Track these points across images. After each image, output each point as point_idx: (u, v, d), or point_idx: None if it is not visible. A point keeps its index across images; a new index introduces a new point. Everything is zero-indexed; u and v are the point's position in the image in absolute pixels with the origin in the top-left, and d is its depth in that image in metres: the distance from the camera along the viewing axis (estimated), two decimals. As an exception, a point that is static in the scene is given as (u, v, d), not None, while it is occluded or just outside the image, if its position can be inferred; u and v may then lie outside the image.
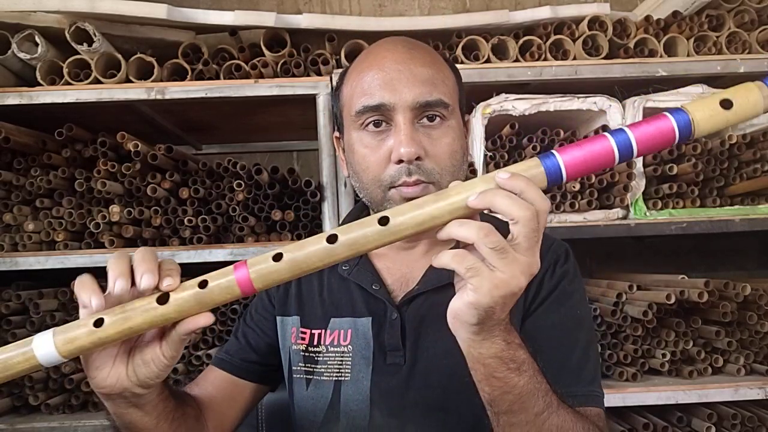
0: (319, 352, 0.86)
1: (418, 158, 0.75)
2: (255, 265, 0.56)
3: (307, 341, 0.87)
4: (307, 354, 0.87)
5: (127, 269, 0.59)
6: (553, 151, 0.58)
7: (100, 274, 0.62)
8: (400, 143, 0.75)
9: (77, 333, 0.56)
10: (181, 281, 0.59)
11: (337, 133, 0.91)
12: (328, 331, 0.87)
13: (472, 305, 0.56)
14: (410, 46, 0.81)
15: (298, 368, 0.88)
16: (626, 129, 0.57)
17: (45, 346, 0.56)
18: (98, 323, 0.56)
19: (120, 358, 0.62)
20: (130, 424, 0.67)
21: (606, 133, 0.57)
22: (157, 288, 0.58)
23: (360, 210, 0.95)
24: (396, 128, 0.76)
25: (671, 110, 0.57)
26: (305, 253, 0.56)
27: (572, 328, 0.81)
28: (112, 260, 0.60)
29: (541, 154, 0.58)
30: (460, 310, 0.57)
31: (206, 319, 0.59)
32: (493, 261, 0.54)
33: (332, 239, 0.55)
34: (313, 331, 0.88)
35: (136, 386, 0.62)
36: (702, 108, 0.56)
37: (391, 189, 0.78)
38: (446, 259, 0.57)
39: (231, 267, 0.57)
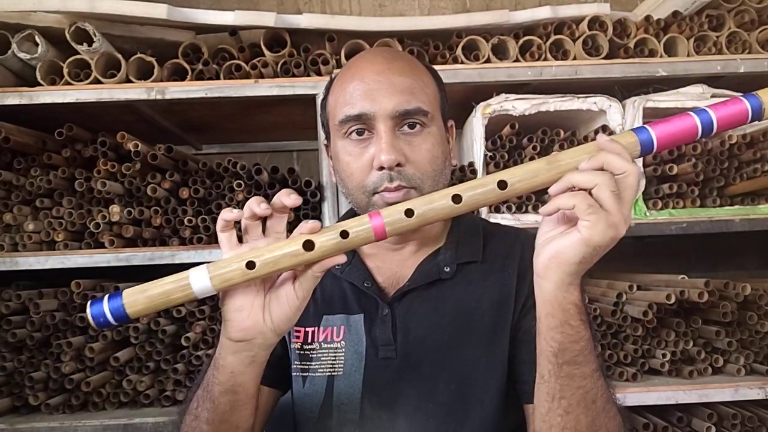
0: (313, 349, 0.88)
1: (398, 164, 0.79)
2: (389, 216, 0.64)
3: (301, 339, 0.89)
4: (302, 352, 0.89)
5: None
6: (645, 125, 0.66)
7: (100, 275, 0.62)
8: (380, 151, 0.78)
9: (231, 273, 0.63)
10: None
11: (326, 141, 0.94)
12: (321, 328, 0.89)
13: (585, 242, 0.61)
14: (390, 57, 0.85)
15: (295, 366, 0.90)
16: (708, 109, 0.66)
17: (201, 281, 0.63)
18: (250, 265, 0.62)
19: (258, 300, 0.66)
20: (235, 387, 0.69)
21: (690, 112, 0.65)
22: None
23: (351, 214, 0.97)
24: (377, 137, 0.80)
25: (745, 95, 0.66)
26: (433, 209, 0.64)
27: None
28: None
29: (635, 128, 0.66)
30: (566, 248, 0.62)
31: (341, 258, 0.65)
32: (610, 204, 0.60)
33: (457, 199, 0.63)
34: (307, 329, 0.90)
35: (270, 330, 0.66)
36: None
37: (375, 194, 0.81)
38: (564, 199, 0.62)
39: (366, 216, 0.64)
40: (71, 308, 1.44)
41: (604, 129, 1.47)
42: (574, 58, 1.50)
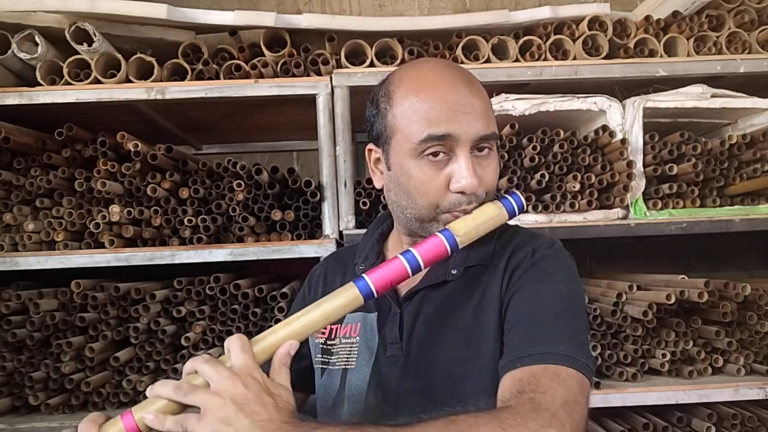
0: (334, 344, 0.94)
1: None
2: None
3: (326, 335, 0.95)
4: (324, 346, 0.94)
5: None
6: (363, 275, 0.76)
7: (100, 275, 0.62)
8: (463, 176, 0.80)
9: None
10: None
11: (371, 146, 0.91)
12: (342, 325, 0.94)
13: None
14: (467, 78, 0.84)
15: (317, 359, 0.95)
16: (413, 249, 0.77)
17: None
18: None
19: None
20: None
21: (399, 255, 0.77)
22: None
23: (385, 218, 1.00)
24: (457, 160, 0.80)
25: (441, 231, 0.79)
26: None
27: (546, 298, 0.80)
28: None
29: (354, 280, 0.75)
30: None
31: None
32: None
33: None
34: (332, 327, 0.95)
35: None
36: (462, 226, 0.79)
37: (446, 213, 0.83)
38: None
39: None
40: (71, 308, 1.44)
41: (604, 129, 1.47)
42: (574, 58, 1.50)
